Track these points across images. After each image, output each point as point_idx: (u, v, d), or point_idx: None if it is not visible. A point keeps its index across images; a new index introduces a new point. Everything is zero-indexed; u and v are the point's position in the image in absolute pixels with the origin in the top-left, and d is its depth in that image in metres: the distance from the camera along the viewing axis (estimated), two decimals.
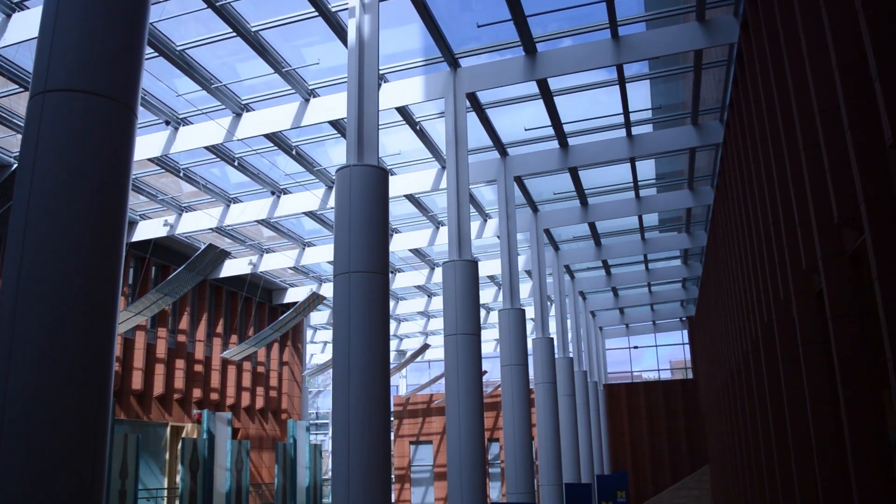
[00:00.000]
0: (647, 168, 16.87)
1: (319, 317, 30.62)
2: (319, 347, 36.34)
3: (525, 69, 11.68)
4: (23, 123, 7.40)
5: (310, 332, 32.51)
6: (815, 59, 6.21)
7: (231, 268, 22.46)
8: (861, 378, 5.88)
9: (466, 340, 11.07)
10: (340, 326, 7.75)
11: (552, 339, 17.71)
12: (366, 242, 7.97)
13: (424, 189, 16.09)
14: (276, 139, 14.43)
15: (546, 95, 12.47)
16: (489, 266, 22.54)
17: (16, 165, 15.31)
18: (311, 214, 18.48)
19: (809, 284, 7.44)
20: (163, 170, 16.04)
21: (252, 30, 11.17)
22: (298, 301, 23.39)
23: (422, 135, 14.18)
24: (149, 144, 14.28)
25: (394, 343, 34.95)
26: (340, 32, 10.88)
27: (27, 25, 11.08)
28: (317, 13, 10.55)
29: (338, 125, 13.74)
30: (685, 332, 33.89)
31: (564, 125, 13.96)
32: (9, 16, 11.29)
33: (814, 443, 7.26)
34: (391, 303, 27.35)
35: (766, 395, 9.67)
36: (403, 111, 13.27)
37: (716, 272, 17.13)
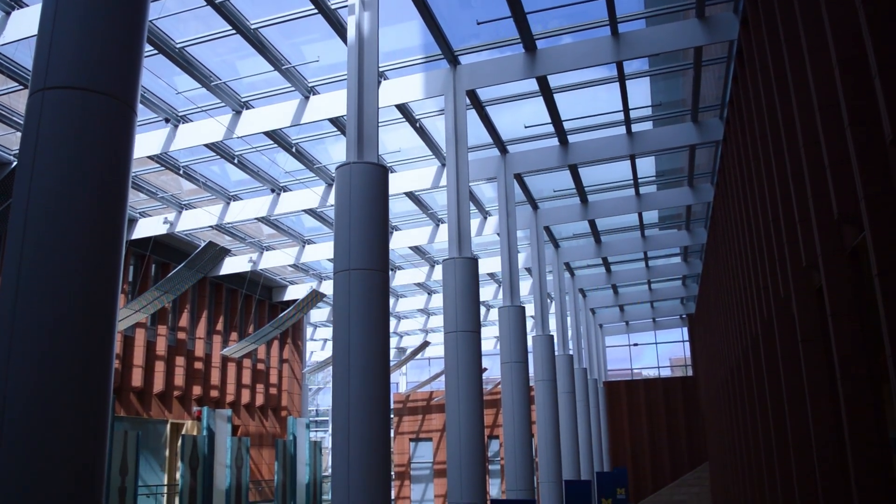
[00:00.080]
0: (647, 165, 16.87)
1: (319, 314, 30.65)
2: (319, 345, 36.38)
3: (525, 66, 11.67)
4: (22, 121, 7.40)
5: (310, 330, 32.53)
6: (815, 56, 6.20)
7: (231, 265, 22.46)
8: (861, 375, 5.88)
9: (466, 338, 11.07)
10: (340, 324, 7.76)
11: (552, 337, 17.73)
12: (366, 240, 7.97)
13: (424, 186, 16.09)
14: (276, 137, 14.43)
15: (546, 93, 12.47)
16: (489, 263, 22.55)
17: (15, 163, 15.30)
18: (311, 212, 18.48)
19: (809, 281, 7.43)
20: (163, 167, 16.04)
21: (252, 27, 11.16)
22: (298, 298, 23.39)
23: (422, 132, 14.17)
24: (149, 142, 14.28)
25: (394, 340, 34.96)
26: (340, 30, 10.87)
27: (26, 23, 11.08)
28: (316, 10, 10.54)
29: (338, 122, 13.74)
30: (685, 330, 33.92)
31: (564, 122, 13.95)
32: (8, 13, 11.28)
33: (813, 440, 7.26)
34: (391, 300, 27.35)
35: (766, 392, 9.67)
36: (403, 108, 13.26)
37: (716, 269, 17.13)
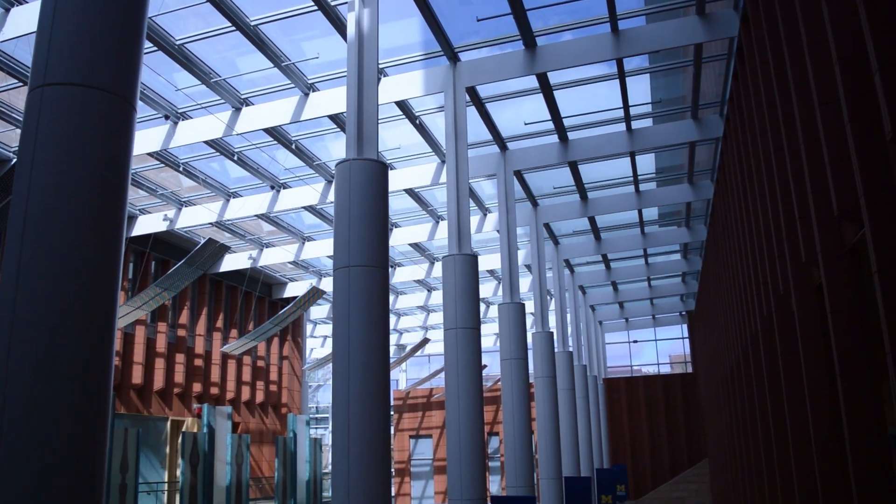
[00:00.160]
0: (647, 162, 16.87)
1: (319, 311, 30.66)
2: (319, 342, 36.41)
3: (525, 63, 11.66)
4: (22, 118, 7.39)
5: (310, 327, 32.55)
6: (816, 53, 6.19)
7: (231, 262, 22.47)
8: (860, 372, 5.88)
9: (466, 334, 11.08)
10: (340, 321, 7.76)
11: (552, 334, 17.73)
12: (365, 237, 7.97)
13: (424, 183, 16.09)
14: (276, 133, 14.42)
15: (546, 89, 12.46)
16: (489, 260, 22.55)
17: (15, 160, 15.29)
18: (311, 209, 18.48)
19: (809, 278, 7.43)
20: (162, 164, 16.04)
21: (251, 24, 11.15)
22: (298, 295, 23.39)
23: (421, 129, 14.16)
24: (148, 139, 14.27)
25: (394, 337, 34.98)
26: (340, 26, 10.86)
27: (26, 19, 11.07)
28: (316, 7, 10.53)
29: (337, 119, 13.73)
30: (685, 327, 33.93)
31: (564, 119, 13.95)
32: (7, 10, 11.27)
33: (812, 436, 7.26)
34: (391, 297, 27.36)
35: (765, 389, 9.68)
36: (403, 105, 13.25)
37: (715, 266, 17.13)
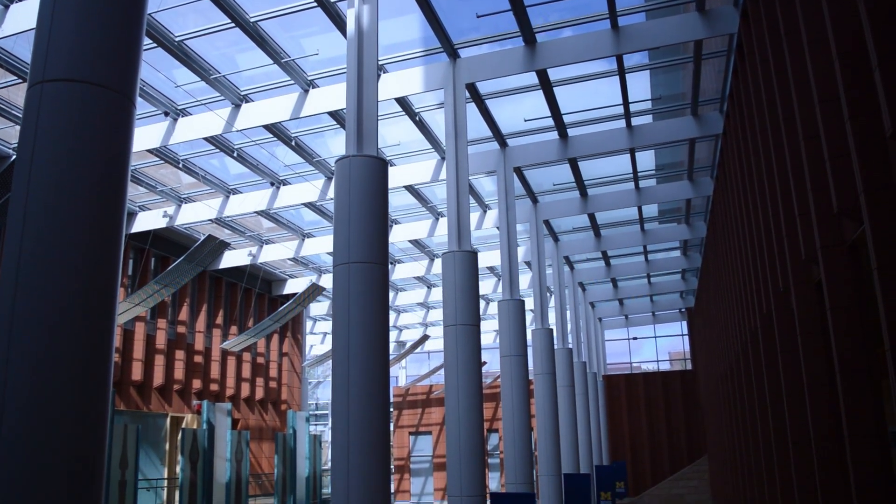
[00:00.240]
0: (647, 159, 16.86)
1: (319, 308, 30.67)
2: (319, 338, 36.41)
3: (525, 60, 11.65)
4: (21, 115, 7.38)
5: (309, 323, 32.56)
6: (815, 49, 6.19)
7: (230, 259, 22.46)
8: (860, 369, 5.89)
9: (466, 331, 11.09)
10: (340, 317, 7.77)
11: (551, 330, 17.74)
12: (365, 233, 7.97)
13: (424, 180, 16.08)
14: (276, 130, 14.41)
15: (546, 86, 12.44)
16: (489, 257, 22.55)
17: (14, 156, 15.28)
18: (311, 205, 18.47)
19: (808, 275, 7.44)
20: (162, 161, 16.02)
21: (251, 20, 11.13)
22: (298, 292, 23.39)
23: (421, 126, 14.15)
24: (148, 135, 14.26)
25: (393, 334, 34.99)
26: (339, 23, 10.85)
27: (25, 16, 11.05)
28: (316, 3, 10.51)
29: (337, 116, 13.72)
30: (684, 324, 33.95)
31: (564, 116, 13.94)
32: (7, 6, 11.25)
33: (812, 433, 7.27)
34: (391, 293, 27.34)
35: (765, 386, 9.69)
36: (403, 102, 13.24)
37: (715, 263, 17.13)
